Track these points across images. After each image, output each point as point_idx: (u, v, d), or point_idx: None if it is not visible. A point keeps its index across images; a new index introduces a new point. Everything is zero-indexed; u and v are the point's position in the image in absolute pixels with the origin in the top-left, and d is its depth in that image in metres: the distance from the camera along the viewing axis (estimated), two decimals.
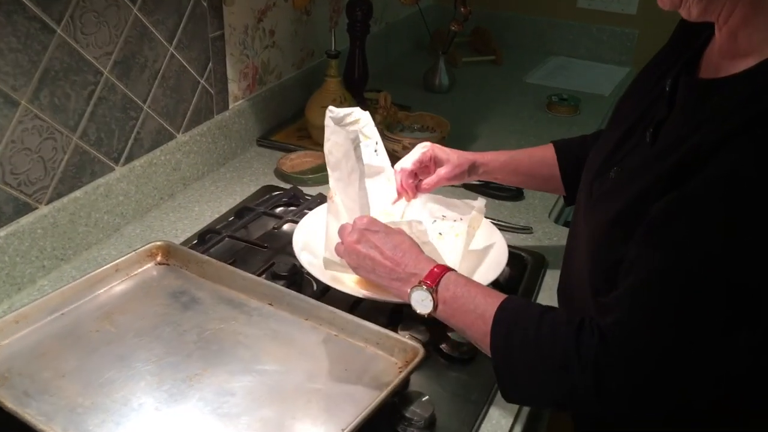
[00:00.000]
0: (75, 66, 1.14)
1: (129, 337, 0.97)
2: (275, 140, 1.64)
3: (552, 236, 1.35)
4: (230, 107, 1.55)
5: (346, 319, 0.97)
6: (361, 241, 0.95)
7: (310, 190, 1.45)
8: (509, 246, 1.22)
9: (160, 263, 1.13)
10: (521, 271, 1.22)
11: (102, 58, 1.19)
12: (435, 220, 1.22)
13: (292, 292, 1.02)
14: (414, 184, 1.20)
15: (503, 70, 2.29)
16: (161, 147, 1.37)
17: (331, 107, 1.09)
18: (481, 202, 1.19)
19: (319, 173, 1.49)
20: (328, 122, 1.05)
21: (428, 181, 1.20)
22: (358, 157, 1.01)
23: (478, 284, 0.90)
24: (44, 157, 1.12)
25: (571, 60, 2.38)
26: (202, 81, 1.44)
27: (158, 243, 1.13)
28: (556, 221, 1.43)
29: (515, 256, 1.24)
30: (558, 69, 2.30)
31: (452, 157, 1.19)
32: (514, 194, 1.47)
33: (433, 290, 0.89)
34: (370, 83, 1.83)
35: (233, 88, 1.55)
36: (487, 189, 1.47)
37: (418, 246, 0.95)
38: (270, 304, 1.04)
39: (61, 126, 1.14)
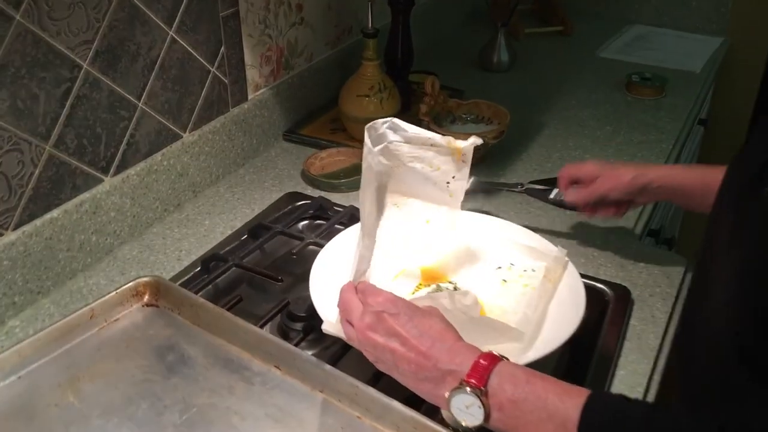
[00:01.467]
0: (43, 59, 0.92)
1: (94, 416, 0.75)
2: (304, 134, 1.41)
3: (636, 257, 1.08)
4: (250, 98, 1.32)
5: (372, 396, 0.74)
6: (377, 328, 0.70)
7: (343, 199, 1.21)
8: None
9: (148, 304, 0.91)
10: (600, 312, 0.97)
11: (79, 48, 0.96)
12: (500, 267, 0.97)
13: (304, 353, 0.79)
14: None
15: (573, 43, 1.99)
16: (163, 150, 1.15)
17: (395, 120, 0.83)
18: (562, 251, 0.94)
19: (354, 176, 1.25)
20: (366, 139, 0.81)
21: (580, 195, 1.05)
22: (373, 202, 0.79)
23: (544, 377, 0.65)
24: (7, 174, 0.91)
25: (653, 29, 2.06)
26: (212, 69, 1.21)
27: (145, 279, 0.91)
28: (640, 237, 1.16)
29: (591, 291, 0.98)
30: (637, 40, 1.99)
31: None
32: None
33: (482, 392, 0.64)
34: (418, 63, 1.57)
35: (253, 75, 1.31)
36: (537, 191, 1.21)
37: (454, 330, 0.71)
38: (277, 367, 0.81)
39: (27, 134, 0.92)
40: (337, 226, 1.10)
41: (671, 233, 1.80)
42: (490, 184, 1.25)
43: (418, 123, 0.89)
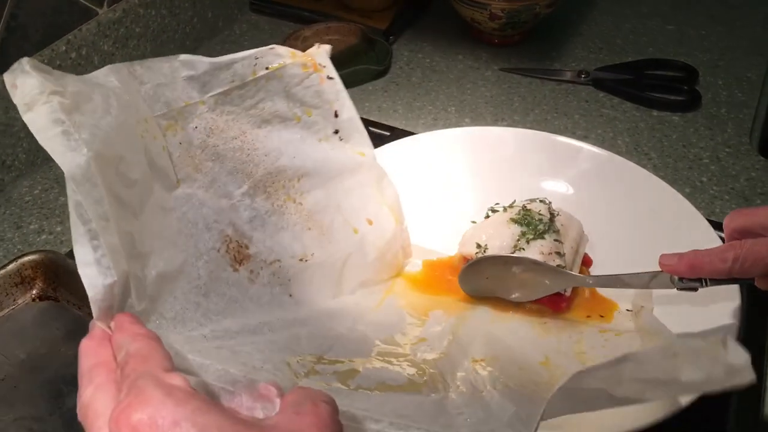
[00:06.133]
0: None
1: None
2: (279, 1, 1.02)
3: (765, 183, 0.76)
4: None
5: None
6: None
7: None
8: None
9: (40, 297, 0.58)
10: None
11: None
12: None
13: None
14: None
15: None
16: (68, 36, 0.77)
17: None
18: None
19: (354, 65, 0.88)
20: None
21: None
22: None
23: None
24: None
25: None
26: None
27: (33, 256, 0.58)
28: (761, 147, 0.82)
29: None
30: None
31: None
32: (685, 97, 0.86)
33: None
34: None
35: None
36: (621, 85, 0.86)
37: None
38: None
39: None
40: None
41: None
42: (541, 72, 0.90)
43: None
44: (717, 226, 0.64)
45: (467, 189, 0.67)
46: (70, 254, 0.65)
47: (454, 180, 0.68)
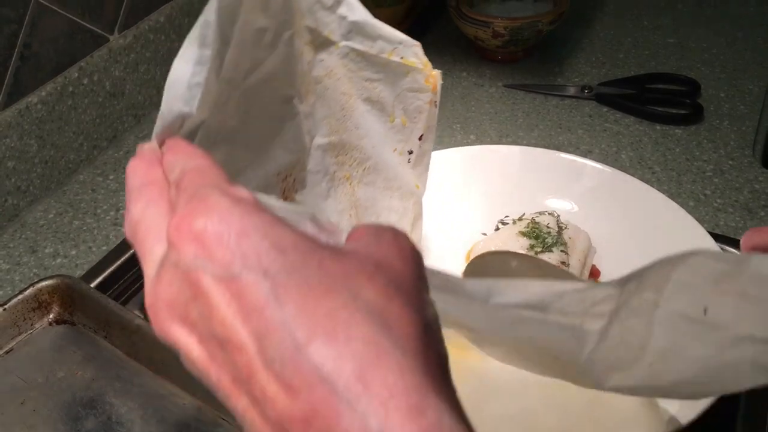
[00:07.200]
0: None
1: None
2: None
3: (766, 195, 0.76)
4: None
5: None
6: (189, 316, 0.25)
7: None
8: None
9: (57, 321, 0.59)
10: None
11: None
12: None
13: None
14: None
15: None
16: (80, 63, 0.79)
17: None
18: None
19: None
20: None
21: None
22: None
23: None
24: None
25: None
26: None
27: (49, 282, 0.59)
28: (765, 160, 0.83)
29: None
30: None
31: None
32: (688, 111, 0.87)
33: None
34: None
35: None
36: (624, 100, 0.87)
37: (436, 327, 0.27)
38: None
39: None
40: None
41: None
42: (545, 88, 0.91)
43: None
44: (721, 239, 0.65)
45: (472, 209, 0.68)
46: (86, 278, 0.67)
47: (459, 200, 0.69)
